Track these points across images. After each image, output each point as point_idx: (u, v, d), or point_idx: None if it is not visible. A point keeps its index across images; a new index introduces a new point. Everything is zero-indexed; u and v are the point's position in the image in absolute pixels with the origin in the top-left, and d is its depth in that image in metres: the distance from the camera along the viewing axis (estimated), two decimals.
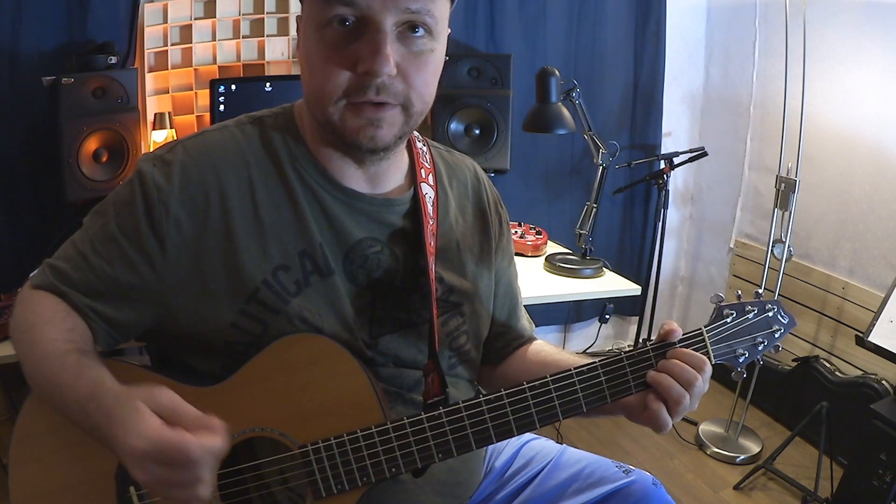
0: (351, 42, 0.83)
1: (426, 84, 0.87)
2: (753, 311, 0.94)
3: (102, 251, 0.89)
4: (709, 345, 0.91)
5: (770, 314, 0.95)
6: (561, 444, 1.16)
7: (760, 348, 0.94)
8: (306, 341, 0.90)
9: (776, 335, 0.95)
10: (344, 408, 0.88)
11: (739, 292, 0.96)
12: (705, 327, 0.93)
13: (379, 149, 0.90)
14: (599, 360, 0.89)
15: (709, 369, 0.89)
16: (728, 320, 0.93)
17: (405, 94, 0.86)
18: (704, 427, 2.61)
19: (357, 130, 0.86)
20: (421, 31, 0.85)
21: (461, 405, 0.87)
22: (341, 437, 0.87)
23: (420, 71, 0.85)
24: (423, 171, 1.01)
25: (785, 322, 0.96)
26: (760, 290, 0.97)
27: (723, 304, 0.94)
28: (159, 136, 2.15)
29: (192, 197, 0.89)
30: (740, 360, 0.94)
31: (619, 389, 0.89)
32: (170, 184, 0.88)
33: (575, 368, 0.89)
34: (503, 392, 0.88)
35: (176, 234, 0.88)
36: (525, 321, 1.18)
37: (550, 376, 0.88)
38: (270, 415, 0.88)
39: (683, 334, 0.91)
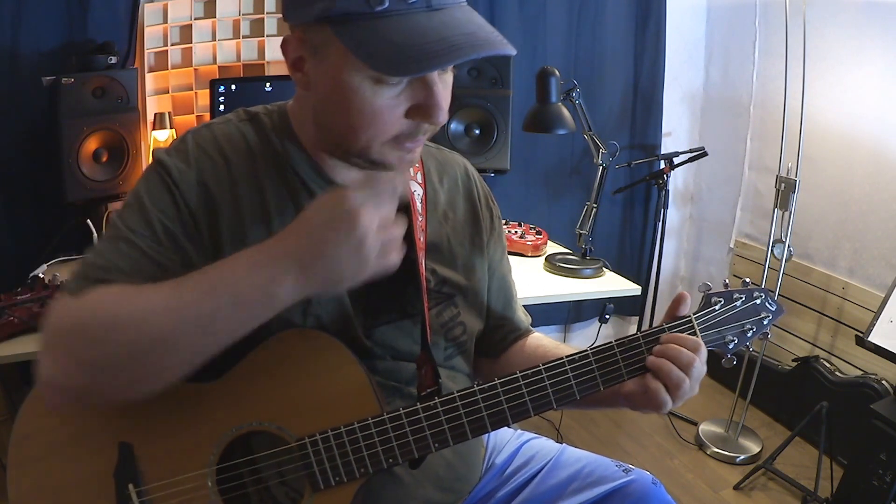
0: (402, 91, 0.83)
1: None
2: (741, 298, 0.96)
3: (147, 232, 0.87)
4: (698, 332, 0.93)
5: (758, 301, 0.97)
6: (561, 443, 1.17)
7: (749, 335, 0.96)
8: (302, 336, 0.91)
9: (764, 322, 0.97)
10: (340, 400, 0.89)
11: (727, 280, 0.98)
12: (694, 314, 0.95)
13: (406, 169, 0.94)
14: (591, 349, 0.91)
15: (704, 352, 0.91)
16: (716, 308, 0.95)
17: (437, 126, 0.89)
18: (704, 427, 2.61)
19: (397, 161, 0.89)
20: (451, 67, 0.86)
21: (456, 395, 0.89)
22: (338, 429, 0.88)
23: (449, 100, 0.87)
24: (411, 169, 1.03)
25: (773, 310, 0.97)
26: (748, 280, 0.99)
27: (710, 291, 0.96)
28: (161, 136, 2.15)
29: (207, 182, 0.90)
30: (730, 347, 0.95)
31: (612, 377, 0.91)
32: (189, 167, 0.90)
33: (567, 357, 0.91)
34: (497, 381, 0.89)
35: (202, 215, 0.89)
36: (521, 314, 1.20)
37: (543, 365, 0.90)
38: (268, 409, 0.89)
39: (671, 322, 0.94)
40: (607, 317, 2.59)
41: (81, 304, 0.80)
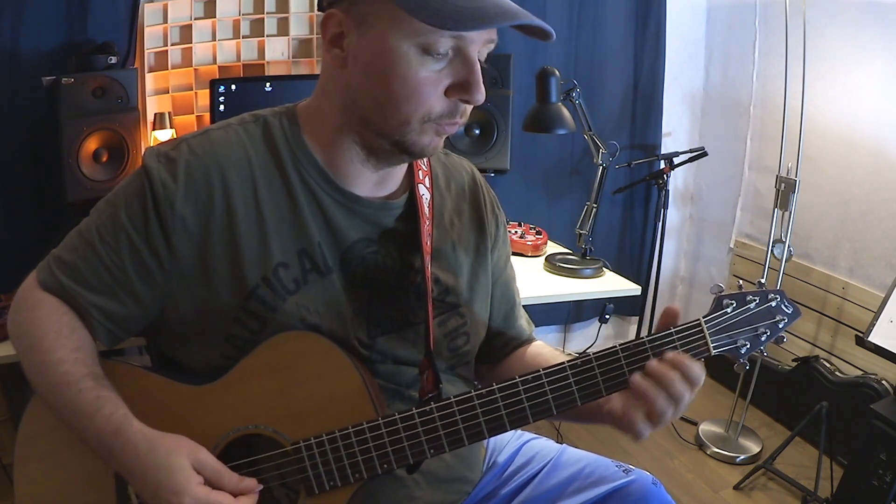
0: (444, 67, 0.85)
1: None
2: (755, 300, 0.91)
3: (111, 241, 0.90)
4: (707, 336, 0.89)
5: (773, 304, 0.91)
6: (561, 443, 1.16)
7: (763, 339, 0.91)
8: (299, 339, 0.91)
9: (780, 325, 0.91)
10: (336, 404, 0.89)
11: (741, 282, 0.93)
12: (704, 318, 0.89)
13: (432, 154, 0.95)
14: (594, 354, 0.88)
15: (702, 380, 0.86)
16: (728, 310, 0.90)
17: (469, 111, 0.91)
18: (704, 427, 2.61)
19: (429, 145, 0.90)
20: (484, 57, 0.89)
21: (452, 400, 0.87)
22: (333, 433, 0.87)
23: None
24: (420, 172, 1.02)
25: (789, 312, 0.92)
26: (763, 280, 0.94)
27: (723, 294, 0.91)
28: (162, 136, 2.15)
29: (197, 195, 0.90)
30: (742, 352, 0.90)
31: (615, 382, 0.87)
32: (175, 182, 0.89)
33: (569, 362, 0.88)
34: (495, 387, 0.87)
35: (182, 231, 0.89)
36: (524, 322, 1.18)
37: (543, 369, 0.87)
38: (264, 412, 0.89)
39: (681, 325, 0.89)
40: (607, 317, 2.59)
41: (32, 309, 0.92)
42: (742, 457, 2.45)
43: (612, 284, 2.07)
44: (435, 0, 0.79)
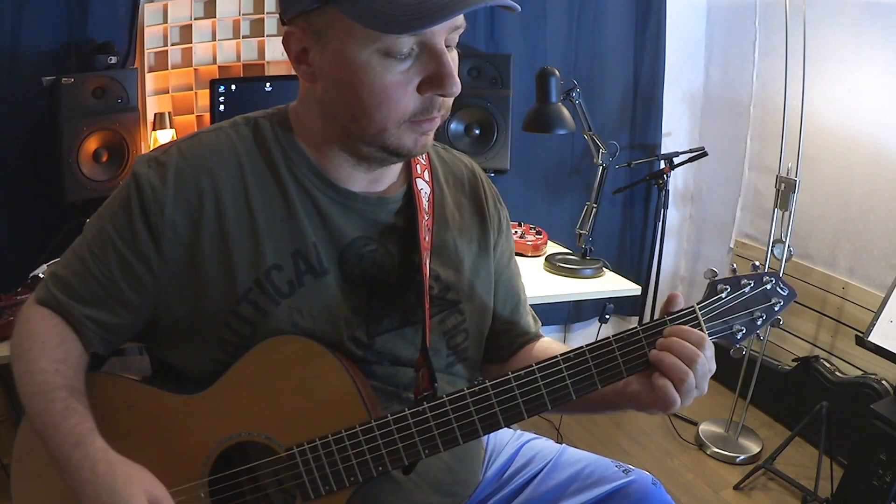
0: (411, 65, 0.83)
1: None
2: (750, 284, 0.89)
3: (100, 254, 0.90)
4: (702, 322, 0.87)
5: (768, 287, 0.90)
6: (560, 443, 1.16)
7: (759, 323, 0.89)
8: (288, 343, 0.90)
9: (775, 308, 0.90)
10: (328, 408, 0.88)
11: (735, 266, 0.92)
12: (698, 304, 0.89)
13: (421, 154, 0.92)
14: (587, 346, 0.87)
15: (709, 345, 0.85)
16: (723, 296, 0.89)
17: (450, 103, 0.88)
18: (704, 427, 2.61)
19: (413, 144, 0.88)
20: (454, 43, 0.86)
21: (445, 399, 0.87)
22: (326, 437, 0.87)
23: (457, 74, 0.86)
24: (418, 167, 1.01)
25: (785, 294, 0.90)
26: (758, 263, 0.93)
27: (717, 279, 0.90)
28: (163, 136, 2.15)
29: (187, 198, 0.89)
30: (738, 337, 0.89)
31: (610, 374, 0.86)
32: (164, 185, 0.89)
33: (562, 355, 0.86)
34: (488, 384, 0.86)
35: (172, 235, 0.89)
36: (530, 319, 1.16)
37: (536, 364, 0.86)
38: (256, 419, 0.89)
39: (675, 312, 0.88)
40: (607, 317, 2.59)
41: (26, 321, 0.93)
42: (742, 457, 2.45)
43: (612, 284, 2.07)
44: (384, 5, 0.77)
